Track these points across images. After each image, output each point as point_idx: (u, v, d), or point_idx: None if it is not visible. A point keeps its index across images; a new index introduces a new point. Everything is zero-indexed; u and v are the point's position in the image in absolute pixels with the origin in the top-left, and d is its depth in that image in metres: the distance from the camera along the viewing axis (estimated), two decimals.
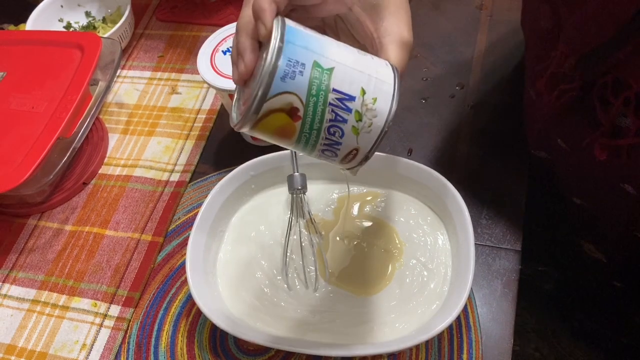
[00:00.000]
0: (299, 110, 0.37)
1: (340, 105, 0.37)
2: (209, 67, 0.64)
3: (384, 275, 0.58)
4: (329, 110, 0.37)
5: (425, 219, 0.61)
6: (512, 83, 0.74)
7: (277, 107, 0.36)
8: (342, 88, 0.37)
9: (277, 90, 0.36)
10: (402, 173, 0.61)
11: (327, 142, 0.39)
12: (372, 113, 0.38)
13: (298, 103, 0.37)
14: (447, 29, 0.83)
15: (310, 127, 0.38)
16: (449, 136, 0.72)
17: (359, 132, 0.39)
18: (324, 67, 0.37)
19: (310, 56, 0.37)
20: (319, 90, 0.37)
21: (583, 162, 0.54)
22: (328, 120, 0.38)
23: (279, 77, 0.36)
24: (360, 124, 0.38)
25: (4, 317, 0.64)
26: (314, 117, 0.37)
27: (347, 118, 0.38)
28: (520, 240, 0.62)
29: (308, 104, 0.37)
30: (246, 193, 0.64)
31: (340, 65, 0.37)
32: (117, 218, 0.70)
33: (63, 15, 0.92)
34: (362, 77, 0.38)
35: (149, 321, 0.61)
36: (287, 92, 0.36)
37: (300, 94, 0.36)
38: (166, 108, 0.81)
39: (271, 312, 0.57)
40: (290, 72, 0.36)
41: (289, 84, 0.36)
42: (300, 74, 0.36)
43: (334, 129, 0.38)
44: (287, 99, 0.36)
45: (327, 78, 0.37)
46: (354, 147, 0.39)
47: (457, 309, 0.49)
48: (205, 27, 0.90)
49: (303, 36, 0.38)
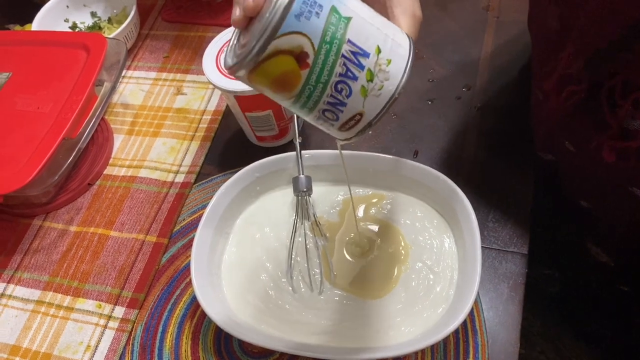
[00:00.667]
0: (309, 57, 0.34)
1: (354, 59, 0.34)
2: (214, 68, 0.64)
3: (389, 279, 0.57)
4: (340, 62, 0.34)
5: (432, 221, 0.60)
6: (519, 85, 0.74)
7: (285, 47, 0.33)
8: (357, 41, 0.34)
9: (289, 29, 0.32)
10: (408, 175, 0.60)
11: (331, 101, 0.36)
12: (385, 75, 0.36)
13: (309, 47, 0.33)
14: (454, 30, 0.82)
15: (317, 78, 0.35)
16: (455, 138, 0.71)
17: (367, 93, 0.36)
18: (342, 15, 0.34)
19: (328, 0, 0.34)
20: (333, 37, 0.33)
21: (591, 164, 0.54)
22: (338, 74, 0.35)
23: (294, 14, 0.32)
24: (371, 84, 0.36)
25: (9, 317, 0.64)
26: (323, 67, 0.34)
27: (358, 75, 0.35)
28: (527, 243, 0.61)
29: (320, 51, 0.33)
30: (251, 194, 0.64)
31: (358, 17, 0.35)
32: (121, 219, 0.70)
33: (69, 16, 0.92)
34: (379, 34, 0.35)
35: (153, 323, 0.61)
36: (299, 32, 0.33)
37: (313, 37, 0.33)
38: (171, 109, 0.80)
39: (276, 315, 0.56)
40: (307, 11, 0.32)
41: (304, 24, 0.33)
42: (317, 15, 0.33)
43: (342, 85, 0.35)
44: (299, 40, 0.33)
45: (344, 27, 0.34)
46: (359, 111, 0.37)
47: (463, 313, 0.49)
48: (211, 27, 0.90)
49: None
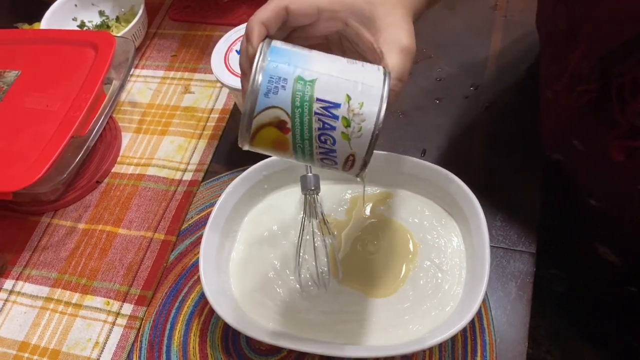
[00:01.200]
0: (287, 123, 0.38)
1: (326, 113, 0.38)
2: (223, 66, 0.64)
3: (397, 277, 0.57)
4: (315, 119, 0.38)
5: (440, 220, 0.60)
6: (527, 84, 0.74)
7: (265, 121, 0.38)
8: (325, 97, 0.38)
9: (263, 106, 0.38)
10: (416, 174, 0.60)
11: (322, 151, 0.40)
12: (360, 117, 0.39)
13: (285, 116, 0.38)
14: (461, 30, 0.82)
15: (301, 137, 0.39)
16: (462, 137, 0.71)
17: (349, 137, 0.39)
18: (307, 79, 0.38)
19: (292, 71, 0.38)
20: (302, 101, 0.38)
21: (599, 163, 0.53)
22: (317, 129, 0.39)
23: (263, 94, 0.38)
24: (350, 129, 0.39)
25: (18, 314, 0.64)
26: (302, 127, 0.39)
27: (335, 125, 0.39)
28: (535, 242, 0.61)
29: (294, 116, 0.38)
30: (259, 193, 0.64)
31: (323, 75, 0.39)
32: (130, 217, 0.70)
33: (77, 14, 0.92)
34: (348, 84, 0.39)
35: (161, 320, 0.61)
36: (272, 106, 0.38)
37: (284, 107, 0.38)
38: (179, 107, 0.81)
39: (283, 312, 0.57)
40: (273, 87, 0.38)
41: (273, 98, 0.38)
42: (283, 88, 0.38)
43: (325, 136, 0.39)
44: (274, 113, 0.38)
45: (310, 89, 0.38)
46: (350, 153, 0.40)
47: (471, 311, 0.49)
48: (218, 26, 0.90)
49: (287, 53, 0.39)
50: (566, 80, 0.53)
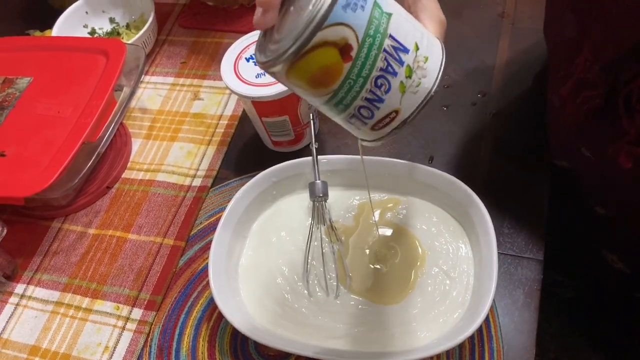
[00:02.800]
0: (352, 49, 0.33)
1: (395, 54, 0.35)
2: (232, 74, 0.65)
3: (406, 284, 0.58)
4: (382, 57, 0.34)
5: (448, 227, 0.60)
6: (534, 91, 0.74)
7: (331, 39, 0.33)
8: (398, 36, 0.35)
9: (336, 19, 0.32)
10: (424, 180, 0.61)
11: (369, 97, 0.36)
12: (423, 72, 0.36)
13: (354, 40, 0.33)
14: (469, 37, 0.82)
15: (359, 72, 0.34)
16: (470, 144, 0.71)
17: (405, 90, 0.36)
18: (384, 10, 0.34)
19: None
20: (376, 31, 0.34)
21: (607, 170, 0.54)
22: (379, 68, 0.35)
23: (341, 5, 0.32)
24: (409, 81, 0.36)
25: (29, 318, 0.65)
26: (365, 60, 0.34)
27: (398, 71, 0.35)
28: (543, 249, 0.61)
29: (364, 44, 0.33)
30: (268, 199, 0.64)
31: (397, 13, 0.35)
32: (139, 222, 0.71)
33: (88, 22, 0.93)
34: (417, 32, 0.36)
35: (170, 325, 0.62)
36: (345, 23, 0.32)
37: (358, 29, 0.33)
38: (188, 114, 0.81)
39: (292, 318, 0.57)
40: (353, 2, 0.32)
41: (350, 15, 0.32)
42: (362, 8, 0.33)
43: (382, 80, 0.35)
44: (344, 32, 0.33)
45: (386, 21, 0.34)
46: (395, 109, 0.37)
47: (479, 318, 0.49)
48: (228, 33, 0.91)
49: None
50: (572, 86, 0.53)
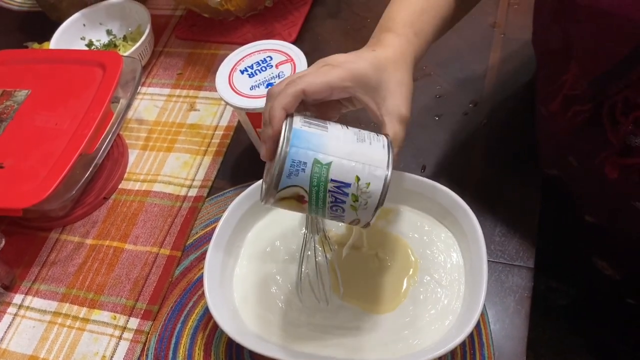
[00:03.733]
0: (305, 197, 0.45)
1: (338, 191, 0.45)
2: (227, 85, 0.66)
3: (398, 293, 0.58)
4: (329, 195, 0.45)
5: (439, 235, 0.61)
6: (525, 100, 0.75)
7: (287, 195, 0.45)
8: (338, 178, 0.45)
9: (285, 184, 0.45)
10: (416, 190, 0.62)
11: (332, 215, 0.47)
12: (367, 195, 0.45)
13: (303, 192, 0.45)
14: (460, 47, 0.84)
15: (315, 207, 0.46)
16: (462, 153, 0.72)
17: (357, 209, 0.46)
18: (323, 163, 0.44)
19: (311, 155, 0.44)
20: (319, 181, 0.45)
21: (594, 180, 0.55)
22: (329, 202, 0.46)
23: (286, 175, 0.44)
24: (357, 203, 0.46)
25: (27, 328, 0.66)
26: (317, 200, 0.45)
27: (345, 200, 0.45)
28: (533, 257, 0.62)
29: (311, 192, 0.45)
30: (262, 209, 0.65)
31: (337, 159, 0.45)
32: (136, 232, 0.72)
33: (85, 34, 0.94)
34: (357, 166, 0.45)
35: (166, 334, 0.63)
36: (293, 185, 0.45)
37: (303, 185, 0.45)
38: (185, 124, 0.82)
39: (286, 327, 0.58)
40: (294, 170, 0.44)
41: (294, 179, 0.44)
42: (303, 170, 0.44)
43: (336, 207, 0.46)
44: (295, 190, 0.45)
45: (326, 171, 0.44)
46: (355, 218, 0.47)
47: (470, 325, 0.50)
48: (223, 45, 0.92)
49: (307, 137, 0.45)
50: (561, 101, 0.54)
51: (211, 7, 0.88)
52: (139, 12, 0.92)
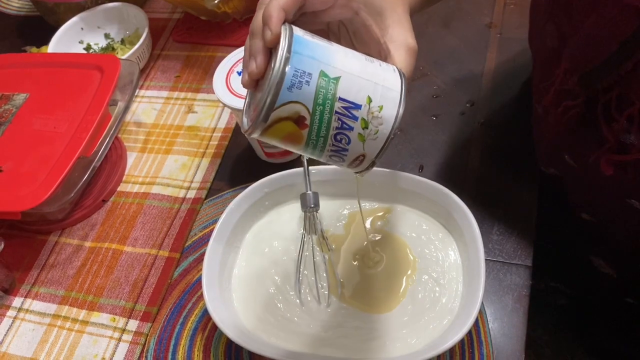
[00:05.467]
0: (306, 119, 0.38)
1: (347, 113, 0.38)
2: (224, 87, 0.66)
3: (396, 292, 0.58)
4: (335, 118, 0.38)
5: (437, 234, 0.61)
6: (522, 100, 0.75)
7: (284, 115, 0.38)
8: (348, 96, 0.38)
9: (284, 100, 0.37)
10: (413, 189, 0.62)
11: (334, 149, 0.40)
12: (378, 121, 0.39)
13: (305, 112, 0.38)
14: (457, 47, 0.84)
15: (317, 134, 0.39)
16: (459, 152, 0.73)
17: (365, 139, 0.39)
18: (331, 77, 0.38)
19: (316, 65, 0.38)
20: (325, 99, 0.38)
21: (590, 178, 0.55)
22: (334, 128, 0.39)
23: (286, 87, 0.37)
24: (367, 131, 0.39)
25: (26, 331, 0.66)
26: (320, 125, 0.38)
27: (353, 126, 0.39)
28: (531, 255, 0.62)
29: (314, 113, 0.38)
30: (260, 210, 0.65)
31: (346, 74, 0.38)
32: (135, 234, 0.72)
33: (83, 38, 0.95)
34: (369, 85, 0.39)
35: (166, 336, 0.63)
36: (294, 101, 0.37)
37: (306, 103, 0.37)
38: (183, 127, 0.83)
39: (284, 328, 0.58)
40: (297, 82, 0.37)
41: (296, 93, 0.37)
42: (307, 83, 0.37)
43: (341, 136, 0.39)
44: (294, 108, 0.37)
45: (334, 87, 0.38)
46: (361, 153, 0.40)
47: (467, 324, 0.50)
48: (221, 47, 0.92)
49: (310, 45, 0.38)
50: (553, 95, 0.54)
51: (208, 10, 0.88)
52: (136, 16, 0.92)
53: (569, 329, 0.84)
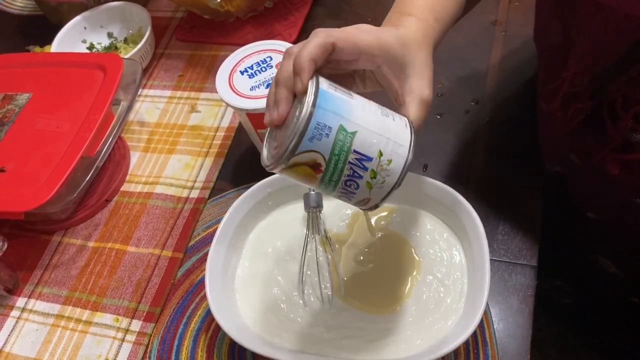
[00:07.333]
0: (322, 166, 0.41)
1: (359, 164, 0.42)
2: (227, 87, 0.66)
3: (401, 293, 0.58)
4: (348, 167, 0.42)
5: (442, 234, 0.61)
6: (527, 98, 0.74)
7: (303, 161, 0.41)
8: (362, 150, 0.41)
9: (305, 149, 0.40)
10: (417, 189, 0.61)
11: (343, 191, 0.44)
12: (386, 172, 0.43)
13: (321, 160, 0.41)
14: (462, 45, 0.83)
15: (330, 179, 0.42)
16: (464, 151, 0.72)
17: (372, 187, 0.43)
18: (348, 131, 0.41)
19: (337, 120, 0.41)
20: (341, 150, 0.41)
21: (596, 177, 0.54)
22: (346, 175, 0.42)
23: (308, 138, 0.40)
24: (374, 180, 0.43)
25: (30, 331, 0.66)
26: (334, 172, 0.42)
27: (363, 175, 0.42)
28: (536, 255, 0.62)
29: (330, 161, 0.41)
30: (263, 210, 0.65)
31: (362, 128, 0.42)
32: (138, 234, 0.72)
33: (86, 37, 0.95)
34: (381, 140, 0.42)
35: (169, 336, 0.63)
36: (313, 150, 0.41)
37: (324, 153, 0.41)
38: (186, 126, 0.82)
39: (288, 328, 0.58)
40: (318, 134, 0.40)
41: (316, 144, 0.40)
42: (327, 136, 0.40)
43: (351, 182, 0.43)
44: (312, 156, 0.41)
45: (350, 141, 0.41)
46: (366, 197, 0.44)
47: (472, 324, 0.50)
48: (224, 46, 0.92)
49: (334, 100, 0.41)
50: (561, 99, 0.54)
51: (211, 9, 0.88)
52: (139, 15, 0.92)
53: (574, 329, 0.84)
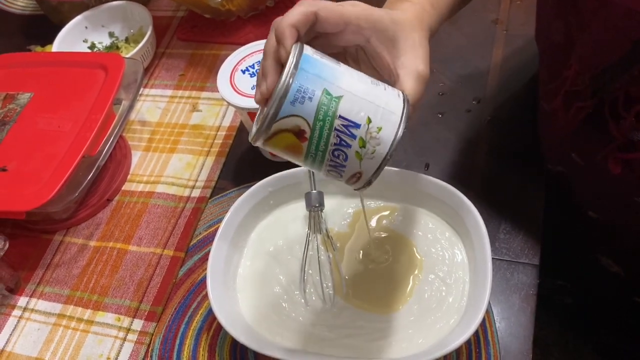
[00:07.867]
0: (306, 132, 0.40)
1: (345, 131, 0.40)
2: (228, 86, 0.66)
3: (403, 292, 0.58)
4: (334, 134, 0.40)
5: (443, 233, 0.61)
6: (528, 97, 0.74)
7: (285, 127, 0.40)
8: (348, 115, 0.40)
9: (286, 113, 0.39)
10: (419, 188, 0.61)
11: (332, 164, 0.42)
12: (376, 141, 0.41)
13: (305, 126, 0.40)
14: (463, 44, 0.83)
15: (316, 148, 0.41)
16: (466, 150, 0.72)
17: (362, 157, 0.41)
18: (333, 95, 0.40)
19: (321, 83, 0.40)
20: (325, 115, 0.40)
21: (597, 176, 0.54)
22: (333, 144, 0.41)
23: (289, 101, 0.39)
24: (364, 150, 0.41)
25: (31, 331, 0.66)
26: (319, 139, 0.40)
27: (351, 144, 0.41)
28: (539, 254, 0.62)
29: (314, 128, 0.40)
30: (265, 209, 0.65)
31: (349, 93, 0.40)
32: (140, 234, 0.72)
33: (87, 36, 0.94)
34: (370, 106, 0.40)
35: (171, 335, 0.63)
36: (295, 115, 0.39)
37: (307, 117, 0.39)
38: (187, 125, 0.82)
39: (290, 327, 0.58)
40: (300, 97, 0.39)
41: (298, 108, 0.39)
42: (310, 99, 0.39)
43: (338, 152, 0.41)
44: (295, 121, 0.40)
45: (335, 105, 0.40)
46: (357, 171, 0.42)
47: (474, 323, 0.50)
48: (225, 45, 0.92)
49: (318, 64, 0.40)
50: (562, 98, 0.54)
51: (212, 8, 0.88)
52: (140, 14, 0.92)
53: (576, 328, 0.84)
